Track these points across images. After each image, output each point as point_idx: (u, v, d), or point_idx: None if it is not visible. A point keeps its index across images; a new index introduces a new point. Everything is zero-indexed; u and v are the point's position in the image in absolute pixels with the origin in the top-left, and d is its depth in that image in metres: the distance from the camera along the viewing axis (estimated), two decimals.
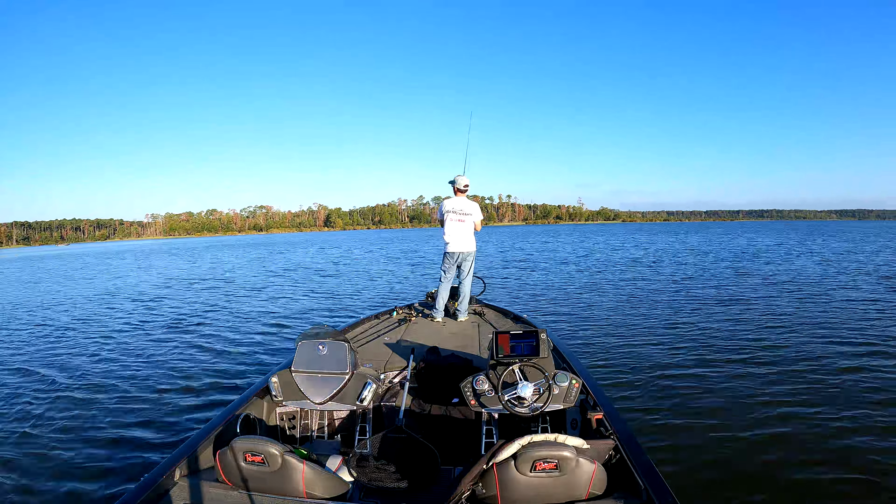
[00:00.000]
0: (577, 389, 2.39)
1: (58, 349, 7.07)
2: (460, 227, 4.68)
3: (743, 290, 10.53)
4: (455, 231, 4.68)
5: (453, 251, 4.70)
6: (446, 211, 4.69)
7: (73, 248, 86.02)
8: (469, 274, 4.72)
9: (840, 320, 7.27)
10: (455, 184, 4.69)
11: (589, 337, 6.65)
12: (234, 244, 57.48)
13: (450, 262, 4.74)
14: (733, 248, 23.88)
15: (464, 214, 4.68)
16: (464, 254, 4.71)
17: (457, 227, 4.68)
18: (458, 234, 4.68)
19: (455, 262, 4.74)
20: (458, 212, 4.67)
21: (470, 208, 4.71)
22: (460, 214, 4.67)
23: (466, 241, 4.71)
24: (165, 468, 1.96)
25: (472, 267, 4.76)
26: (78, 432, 4.07)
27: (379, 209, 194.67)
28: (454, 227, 4.68)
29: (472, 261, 4.76)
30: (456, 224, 4.67)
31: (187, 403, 4.64)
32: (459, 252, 4.70)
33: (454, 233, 4.68)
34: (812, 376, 4.83)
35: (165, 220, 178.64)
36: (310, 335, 2.72)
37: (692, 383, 4.73)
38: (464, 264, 4.73)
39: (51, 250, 71.43)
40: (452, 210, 4.68)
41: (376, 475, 2.18)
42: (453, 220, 4.67)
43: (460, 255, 4.71)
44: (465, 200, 4.73)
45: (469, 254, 4.74)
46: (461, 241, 4.69)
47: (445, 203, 4.74)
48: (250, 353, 6.44)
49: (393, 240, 50.62)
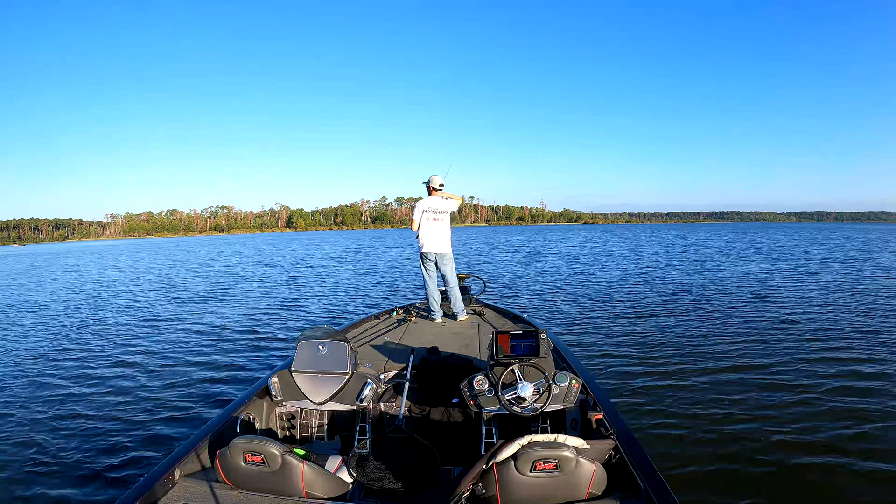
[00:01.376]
0: (576, 389, 2.39)
1: (57, 349, 7.07)
2: (436, 226, 4.60)
3: (743, 290, 10.53)
4: (430, 231, 4.59)
5: (427, 251, 4.61)
6: (422, 210, 4.60)
7: (29, 248, 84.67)
8: (452, 275, 4.64)
9: (841, 321, 7.28)
10: (430, 183, 4.65)
11: (589, 337, 6.65)
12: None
13: (427, 263, 4.65)
14: (722, 249, 23.90)
15: (439, 213, 4.61)
16: (438, 254, 4.61)
17: (432, 227, 4.59)
18: (432, 234, 4.59)
19: (432, 262, 4.64)
20: (433, 210, 4.60)
21: (444, 206, 4.63)
22: (436, 213, 4.60)
23: (441, 241, 4.62)
24: (165, 468, 1.95)
25: (452, 268, 4.67)
26: (77, 432, 4.07)
27: (341, 210, 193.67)
28: (429, 226, 4.59)
29: (450, 262, 4.67)
30: (431, 224, 4.59)
31: (187, 403, 4.64)
32: (433, 252, 4.60)
33: (428, 233, 4.59)
34: (813, 376, 4.83)
35: (125, 220, 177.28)
36: (309, 335, 2.72)
37: (692, 383, 4.73)
38: (443, 267, 4.63)
39: (5, 251, 69.61)
40: (428, 209, 4.60)
41: (376, 475, 2.18)
42: (429, 220, 4.59)
43: (435, 256, 4.61)
44: (439, 199, 4.65)
45: (444, 255, 4.63)
46: (435, 242, 4.60)
47: (420, 203, 4.65)
48: (250, 353, 6.43)
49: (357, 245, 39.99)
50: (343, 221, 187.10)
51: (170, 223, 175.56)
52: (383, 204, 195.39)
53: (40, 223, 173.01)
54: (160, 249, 38.25)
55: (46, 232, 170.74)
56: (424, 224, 4.60)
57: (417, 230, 4.65)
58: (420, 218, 4.61)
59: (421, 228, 4.61)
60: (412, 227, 4.68)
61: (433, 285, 4.64)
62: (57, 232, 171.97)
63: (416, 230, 4.66)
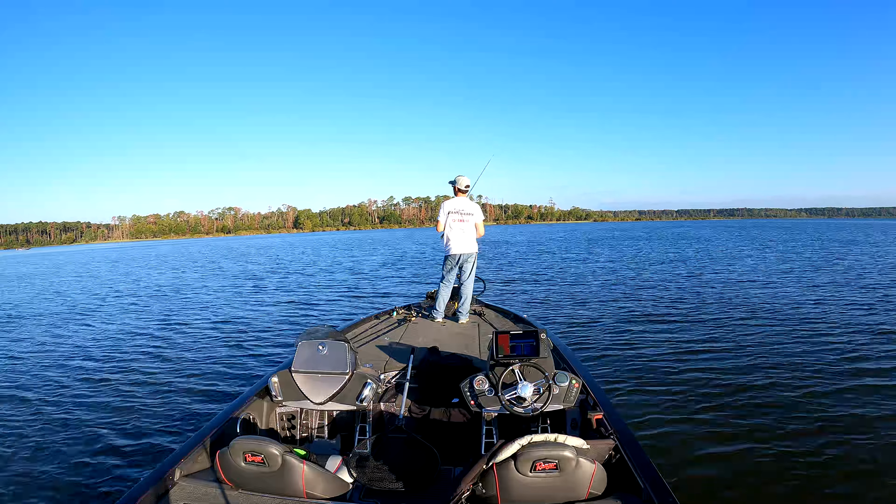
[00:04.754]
0: (577, 389, 2.39)
1: (56, 348, 7.07)
2: (461, 227, 4.61)
3: (743, 290, 10.52)
4: (456, 232, 4.61)
5: (454, 253, 4.61)
6: (447, 212, 4.61)
7: (33, 252, 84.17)
8: (471, 276, 4.64)
9: (841, 320, 7.27)
10: (456, 184, 4.65)
11: (589, 337, 6.65)
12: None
13: (451, 265, 4.66)
14: (731, 249, 23.89)
15: (465, 215, 4.62)
16: (464, 255, 4.63)
17: (458, 229, 4.61)
18: (459, 235, 4.61)
19: (456, 265, 4.65)
20: (459, 212, 4.61)
21: (471, 209, 4.65)
22: (461, 215, 4.61)
23: (467, 242, 4.64)
24: (165, 468, 1.95)
25: (473, 269, 4.68)
26: (78, 433, 4.07)
27: (349, 210, 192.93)
28: (455, 228, 4.61)
29: (473, 262, 4.68)
30: (457, 225, 4.60)
31: (187, 404, 4.64)
32: (460, 254, 4.61)
33: (455, 234, 4.61)
34: (814, 377, 4.83)
35: (132, 222, 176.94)
36: (310, 335, 2.72)
37: (692, 383, 4.73)
38: (465, 266, 4.65)
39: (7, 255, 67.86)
40: (453, 210, 4.61)
41: (376, 475, 2.18)
42: (455, 221, 4.60)
43: (461, 257, 4.62)
44: (466, 201, 4.67)
45: (470, 255, 4.65)
46: (462, 243, 4.61)
47: (446, 204, 4.67)
48: (250, 353, 6.43)
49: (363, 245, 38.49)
50: (350, 222, 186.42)
51: (177, 225, 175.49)
52: (391, 204, 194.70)
53: (48, 226, 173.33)
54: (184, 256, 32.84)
55: (54, 235, 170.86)
56: (451, 225, 4.60)
57: (443, 231, 4.65)
58: (446, 219, 4.62)
59: (447, 229, 4.62)
60: (437, 228, 4.69)
61: (448, 288, 4.64)
62: (65, 235, 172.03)
63: (441, 231, 4.66)
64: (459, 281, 4.70)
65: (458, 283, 4.72)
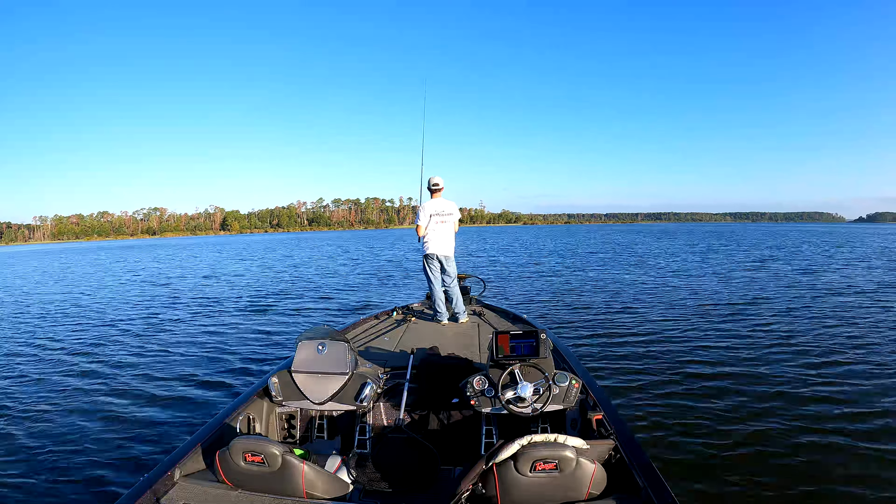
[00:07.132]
0: (576, 390, 2.38)
1: (56, 348, 7.06)
2: (441, 228, 4.61)
3: (743, 289, 10.53)
4: (436, 233, 4.60)
5: (432, 253, 4.61)
6: (429, 214, 4.60)
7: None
8: (454, 277, 4.64)
9: (840, 321, 7.28)
10: (433, 185, 4.64)
11: (589, 337, 6.65)
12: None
13: (432, 265, 4.65)
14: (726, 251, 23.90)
15: (445, 215, 4.63)
16: (442, 256, 4.62)
17: (438, 229, 4.61)
18: (439, 236, 4.60)
19: (437, 264, 4.64)
20: (439, 213, 4.61)
21: (451, 208, 4.66)
22: (442, 216, 4.62)
23: (446, 243, 4.64)
24: (165, 468, 1.95)
25: (454, 269, 4.68)
26: (77, 433, 4.07)
27: (277, 211, 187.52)
28: (435, 228, 4.60)
29: (453, 263, 4.68)
30: (437, 226, 4.60)
31: (187, 403, 4.64)
32: (437, 254, 4.60)
33: (435, 235, 4.60)
34: (814, 377, 4.83)
35: (54, 222, 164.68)
36: (310, 335, 2.72)
37: (692, 384, 4.73)
38: (447, 266, 4.64)
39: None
40: (435, 213, 4.61)
41: (376, 475, 2.18)
42: (435, 223, 4.60)
43: (439, 258, 4.62)
44: (444, 201, 4.67)
45: (448, 257, 4.65)
46: (441, 244, 4.61)
47: (427, 205, 4.65)
48: (249, 353, 6.43)
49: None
50: (279, 223, 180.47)
51: (100, 226, 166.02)
52: (320, 205, 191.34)
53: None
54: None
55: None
56: (430, 226, 4.60)
57: (425, 233, 4.64)
58: (428, 222, 4.61)
59: (427, 230, 4.61)
60: (418, 231, 4.67)
61: (438, 285, 4.63)
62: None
63: (423, 234, 4.65)
64: (444, 283, 4.67)
65: (444, 287, 4.68)
